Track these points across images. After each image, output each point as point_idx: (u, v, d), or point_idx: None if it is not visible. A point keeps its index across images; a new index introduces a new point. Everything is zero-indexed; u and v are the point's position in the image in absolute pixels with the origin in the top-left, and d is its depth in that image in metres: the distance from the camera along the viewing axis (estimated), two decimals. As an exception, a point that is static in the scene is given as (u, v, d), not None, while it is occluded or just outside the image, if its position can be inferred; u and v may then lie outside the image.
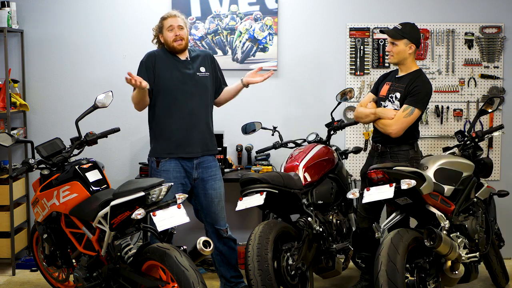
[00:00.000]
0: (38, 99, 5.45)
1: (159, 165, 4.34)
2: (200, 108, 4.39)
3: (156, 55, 4.38)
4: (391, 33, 4.37)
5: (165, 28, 4.36)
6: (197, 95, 4.37)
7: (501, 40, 5.44)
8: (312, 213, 4.22)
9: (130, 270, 3.55)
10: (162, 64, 4.35)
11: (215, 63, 4.55)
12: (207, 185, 4.43)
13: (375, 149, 4.46)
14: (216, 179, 4.47)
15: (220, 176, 4.53)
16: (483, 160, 4.49)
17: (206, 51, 4.68)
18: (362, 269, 4.61)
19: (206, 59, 4.50)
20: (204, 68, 4.44)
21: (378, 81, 4.59)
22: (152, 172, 4.40)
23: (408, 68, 4.40)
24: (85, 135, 4.13)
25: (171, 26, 4.34)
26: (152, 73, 4.32)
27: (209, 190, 4.43)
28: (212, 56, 4.57)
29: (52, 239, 4.05)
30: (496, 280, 4.72)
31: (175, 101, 4.33)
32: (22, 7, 5.35)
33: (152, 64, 4.34)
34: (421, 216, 4.08)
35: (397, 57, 4.37)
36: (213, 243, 3.49)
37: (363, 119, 4.50)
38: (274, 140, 5.03)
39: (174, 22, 4.35)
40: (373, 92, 4.57)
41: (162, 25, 4.38)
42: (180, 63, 4.39)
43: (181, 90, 4.33)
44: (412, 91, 4.29)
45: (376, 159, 4.43)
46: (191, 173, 4.38)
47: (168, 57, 4.39)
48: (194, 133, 4.36)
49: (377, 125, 4.40)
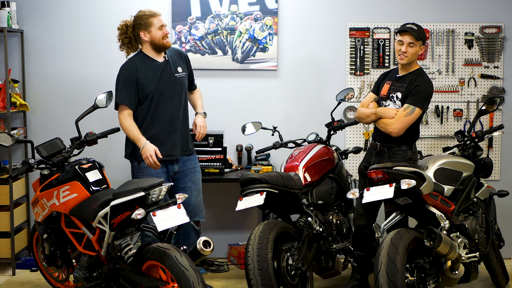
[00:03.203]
0: (38, 99, 5.45)
1: (140, 163, 4.42)
2: (179, 110, 4.49)
3: (135, 67, 4.38)
4: (414, 34, 4.25)
5: (155, 27, 4.38)
6: (176, 97, 4.47)
7: (501, 40, 5.44)
8: (312, 213, 4.22)
9: (130, 270, 3.55)
10: (143, 74, 4.38)
11: (187, 59, 4.63)
12: (186, 178, 4.55)
13: (374, 147, 4.46)
14: (195, 172, 4.59)
15: (199, 169, 4.65)
16: (483, 160, 4.50)
17: (178, 49, 4.73)
18: (354, 268, 4.59)
19: (181, 58, 4.58)
20: (181, 68, 4.52)
21: (379, 81, 4.57)
22: (135, 171, 4.49)
23: (410, 67, 4.38)
24: (85, 135, 4.14)
25: (163, 26, 4.41)
26: (135, 87, 4.35)
27: (188, 183, 4.55)
28: (185, 54, 4.65)
29: (52, 239, 4.05)
30: (496, 280, 4.72)
31: (157, 107, 4.41)
32: (22, 7, 5.35)
33: (135, 77, 4.36)
34: (421, 216, 4.08)
35: (411, 58, 4.30)
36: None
37: (365, 119, 4.49)
38: (274, 140, 5.03)
39: (163, 22, 4.43)
40: (374, 92, 4.56)
41: (150, 23, 4.38)
42: (158, 66, 4.44)
43: (162, 96, 4.42)
44: (413, 90, 4.27)
45: (374, 157, 4.43)
46: (172, 168, 4.49)
47: (145, 63, 4.41)
48: (175, 135, 4.47)
49: (378, 124, 4.39)
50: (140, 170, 4.44)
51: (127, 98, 4.35)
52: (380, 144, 4.40)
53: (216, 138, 5.18)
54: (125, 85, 4.36)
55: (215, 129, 5.23)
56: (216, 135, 5.20)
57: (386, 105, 4.41)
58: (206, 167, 5.13)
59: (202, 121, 4.61)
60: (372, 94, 4.56)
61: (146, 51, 4.44)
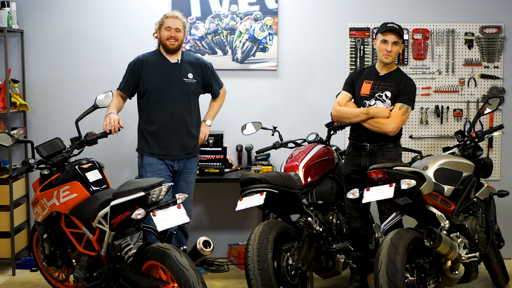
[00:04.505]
0: (38, 99, 5.45)
1: (143, 160, 4.57)
2: (181, 112, 4.56)
3: (144, 61, 4.59)
4: (398, 32, 4.29)
5: (163, 26, 4.55)
6: (180, 100, 4.56)
7: (501, 40, 5.44)
8: (312, 213, 4.22)
9: (130, 270, 3.55)
10: (150, 68, 4.55)
11: (205, 69, 4.69)
12: (180, 177, 4.65)
13: (362, 148, 4.39)
14: (191, 173, 4.69)
15: (196, 171, 4.75)
16: (483, 160, 4.49)
17: (202, 60, 4.76)
18: (353, 269, 4.59)
19: (197, 66, 4.66)
20: (192, 74, 4.61)
21: (351, 80, 4.49)
22: (138, 168, 4.65)
23: (392, 66, 4.42)
24: (85, 135, 4.14)
25: (169, 27, 4.53)
26: (136, 78, 4.55)
27: (181, 182, 4.65)
28: (203, 63, 4.71)
29: (52, 239, 4.05)
30: (496, 280, 4.72)
31: (158, 105, 4.53)
32: (22, 7, 5.35)
33: (138, 70, 4.56)
34: (421, 216, 4.08)
35: (395, 57, 4.37)
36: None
37: (351, 119, 4.39)
38: (274, 140, 5.03)
39: (172, 24, 4.53)
40: (349, 91, 4.48)
41: (162, 22, 4.57)
42: (169, 66, 4.57)
43: (165, 94, 4.53)
44: (403, 89, 4.32)
45: (364, 158, 4.38)
46: (172, 166, 4.59)
47: (157, 60, 4.58)
48: (173, 137, 4.55)
49: (370, 124, 4.33)
50: (143, 167, 4.58)
51: (124, 85, 4.61)
52: (370, 144, 4.37)
53: (216, 138, 5.19)
54: (127, 73, 4.63)
55: (215, 129, 5.23)
56: (216, 135, 5.20)
57: (371, 105, 4.38)
58: (206, 167, 5.13)
59: (204, 128, 4.75)
60: (347, 93, 4.48)
61: (161, 49, 4.61)
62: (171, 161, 4.58)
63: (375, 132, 4.33)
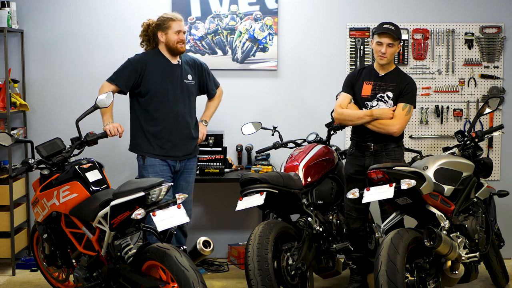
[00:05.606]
0: (38, 99, 5.45)
1: (145, 161, 4.55)
2: (184, 114, 4.57)
3: (147, 60, 4.55)
4: (393, 34, 4.29)
5: (172, 30, 4.52)
6: (182, 101, 4.56)
7: (501, 40, 5.44)
8: (312, 213, 4.22)
9: (130, 270, 3.55)
10: (152, 69, 4.53)
11: (201, 69, 4.71)
12: (180, 177, 4.66)
13: (366, 148, 4.40)
14: (191, 173, 4.70)
15: (195, 171, 4.77)
16: (483, 160, 4.49)
17: (195, 59, 4.79)
18: (353, 270, 4.59)
19: (194, 67, 4.68)
20: (191, 76, 4.63)
21: (350, 81, 4.48)
22: (139, 169, 4.63)
23: (390, 66, 4.42)
24: (85, 135, 4.13)
25: (180, 31, 4.53)
26: (138, 77, 4.50)
27: (182, 182, 4.66)
28: (200, 64, 4.74)
29: (52, 239, 4.05)
30: (496, 280, 4.72)
31: (161, 106, 4.52)
32: (22, 7, 5.35)
33: (142, 69, 4.52)
34: (421, 216, 4.08)
35: (390, 58, 4.36)
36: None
37: (354, 121, 4.39)
38: (274, 140, 5.03)
39: (181, 27, 4.56)
40: (349, 93, 4.48)
41: (168, 25, 4.53)
42: (170, 67, 4.57)
43: (167, 95, 4.53)
44: (405, 89, 4.33)
45: (368, 158, 4.38)
46: (174, 166, 4.60)
47: (158, 60, 4.56)
48: (176, 138, 4.56)
49: (374, 126, 4.34)
50: (145, 168, 4.56)
51: (122, 80, 4.51)
52: (375, 144, 4.38)
53: (216, 138, 5.19)
54: (128, 69, 4.53)
55: (215, 129, 5.23)
56: (216, 135, 5.20)
57: (373, 106, 4.38)
58: (206, 167, 5.13)
59: (201, 128, 4.78)
60: (348, 95, 4.48)
61: (162, 51, 4.59)
62: (173, 161, 4.58)
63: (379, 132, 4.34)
